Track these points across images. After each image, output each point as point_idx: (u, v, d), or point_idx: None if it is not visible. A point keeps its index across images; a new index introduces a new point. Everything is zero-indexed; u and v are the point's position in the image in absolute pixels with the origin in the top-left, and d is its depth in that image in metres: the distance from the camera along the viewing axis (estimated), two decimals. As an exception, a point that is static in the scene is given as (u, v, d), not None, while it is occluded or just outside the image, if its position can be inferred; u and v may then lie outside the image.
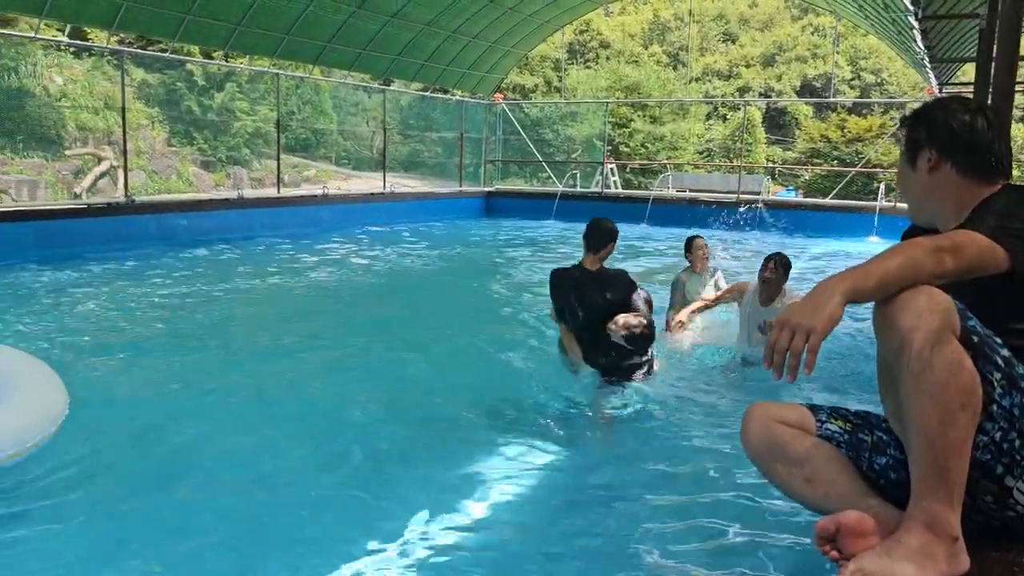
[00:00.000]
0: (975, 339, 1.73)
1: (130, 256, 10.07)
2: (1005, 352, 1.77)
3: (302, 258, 10.82)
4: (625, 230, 5.02)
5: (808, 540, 1.93)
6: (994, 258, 1.76)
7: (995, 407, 1.74)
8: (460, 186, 19.33)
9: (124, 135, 12.53)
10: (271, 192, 15.54)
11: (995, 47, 5.32)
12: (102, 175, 16.05)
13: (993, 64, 5.52)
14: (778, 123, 32.21)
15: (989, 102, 5.36)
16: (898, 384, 1.71)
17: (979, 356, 1.72)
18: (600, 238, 4.41)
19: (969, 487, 1.72)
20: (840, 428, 2.04)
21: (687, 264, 6.35)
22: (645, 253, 12.44)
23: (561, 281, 4.41)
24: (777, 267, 5.18)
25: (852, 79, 34.37)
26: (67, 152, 15.96)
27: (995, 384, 1.73)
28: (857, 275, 1.71)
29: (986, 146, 1.99)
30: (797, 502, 2.04)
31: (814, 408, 2.11)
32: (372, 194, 16.66)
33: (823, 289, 1.71)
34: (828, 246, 13.50)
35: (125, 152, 12.69)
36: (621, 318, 4.13)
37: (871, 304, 1.77)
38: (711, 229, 15.45)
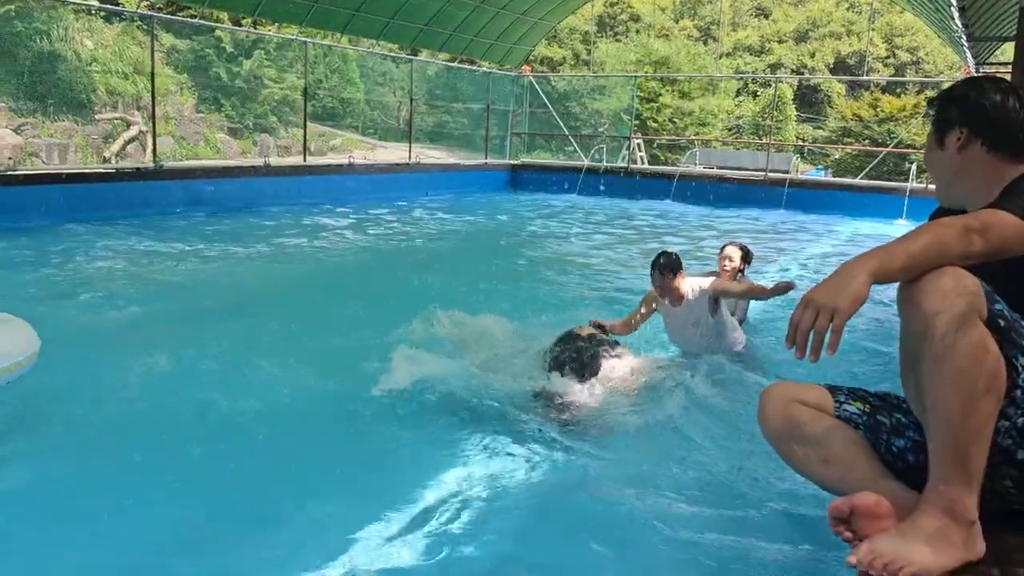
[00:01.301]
0: (1002, 323, 1.71)
1: (156, 220, 10.17)
2: (1031, 336, 1.74)
3: (325, 227, 10.87)
4: (650, 206, 4.99)
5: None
6: (1023, 239, 1.73)
7: (1019, 392, 1.72)
8: (486, 158, 19.26)
9: (153, 100, 12.60)
10: (297, 160, 15.58)
11: None
12: (131, 140, 16.14)
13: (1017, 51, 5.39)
14: (809, 101, 31.73)
15: (1027, 82, 5.26)
16: (920, 367, 1.69)
17: (1005, 340, 1.70)
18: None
19: (989, 471, 1.70)
20: (859, 410, 2.02)
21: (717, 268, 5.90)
22: (668, 231, 12.34)
23: None
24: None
25: (887, 57, 33.72)
26: (97, 117, 16.06)
27: (1020, 369, 1.71)
28: (883, 254, 1.69)
29: (1018, 125, 1.96)
30: (814, 483, 2.04)
31: (833, 389, 2.09)
32: (397, 165, 16.67)
33: (848, 268, 1.69)
34: (855, 227, 13.33)
35: (154, 117, 12.76)
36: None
37: (896, 285, 1.75)
38: (739, 208, 15.35)
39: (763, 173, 17.32)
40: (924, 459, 1.77)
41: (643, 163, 20.47)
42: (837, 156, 25.18)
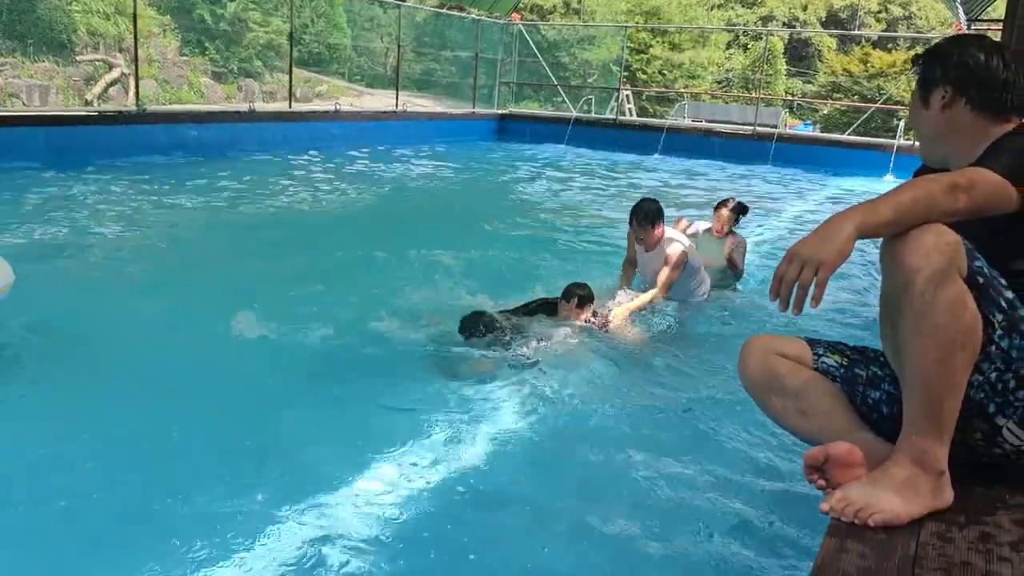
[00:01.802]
0: (980, 280, 1.74)
1: (139, 164, 10.04)
2: (1009, 294, 1.78)
3: (310, 174, 10.77)
4: (638, 159, 5.01)
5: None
6: (1007, 197, 1.76)
7: (994, 348, 1.76)
8: (473, 108, 19.07)
9: (135, 42, 12.36)
10: (283, 106, 15.36)
11: None
12: (113, 82, 15.85)
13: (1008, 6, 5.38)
14: (800, 55, 31.50)
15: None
16: (900, 321, 1.73)
17: (983, 297, 1.73)
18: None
19: (961, 424, 1.75)
20: (836, 362, 2.06)
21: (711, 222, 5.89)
22: (655, 184, 12.32)
23: None
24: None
25: (879, 11, 33.47)
26: (78, 58, 15.73)
27: (996, 326, 1.75)
28: (869, 209, 1.71)
29: (1001, 84, 1.97)
30: (791, 433, 2.09)
31: (812, 342, 2.13)
32: (384, 112, 16.48)
33: (834, 222, 1.71)
34: (841, 183, 13.35)
35: (136, 59, 12.52)
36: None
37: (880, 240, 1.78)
38: (726, 161, 15.33)
39: (751, 127, 17.26)
40: (898, 411, 1.82)
41: (632, 115, 20.32)
42: (826, 111, 25.11)
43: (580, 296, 4.36)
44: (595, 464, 2.85)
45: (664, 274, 4.79)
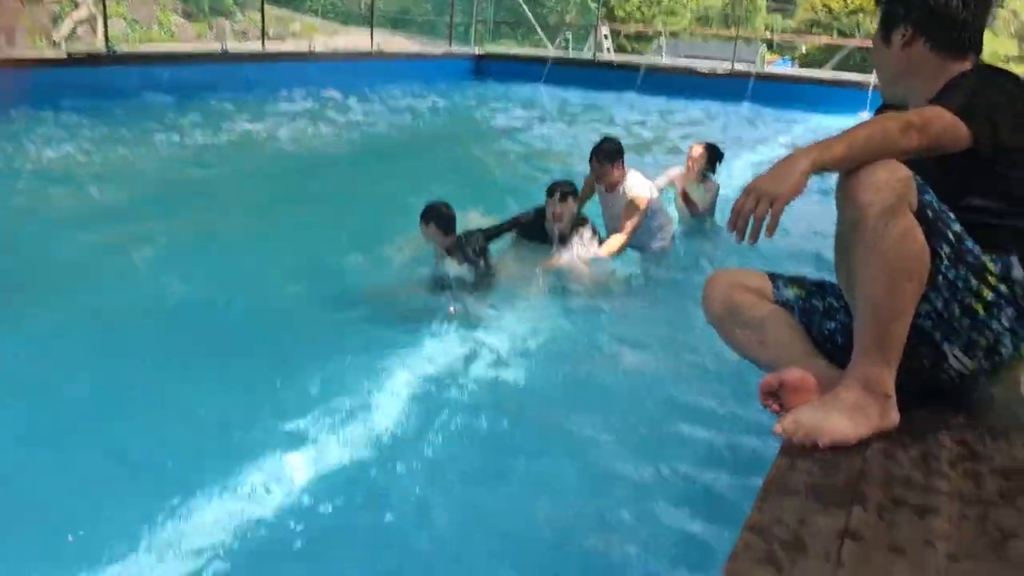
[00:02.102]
0: (929, 214, 1.82)
1: (109, 107, 9.85)
2: (957, 227, 1.86)
3: (284, 116, 10.64)
4: (617, 98, 5.05)
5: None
6: (959, 135, 1.82)
7: (940, 278, 1.84)
8: (450, 47, 18.78)
9: (101, -21, 12.01)
10: (256, 46, 15.06)
11: None
12: (80, 22, 15.46)
13: None
14: (780, -10, 31.10)
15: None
16: (852, 253, 1.81)
17: (931, 230, 1.81)
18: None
19: (908, 351, 1.85)
20: (795, 295, 2.15)
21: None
22: (632, 124, 12.29)
23: None
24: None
25: (861, -55, 32.95)
26: (42, -3, 15.30)
27: (943, 257, 1.83)
28: (824, 146, 1.78)
29: (960, 23, 2.01)
30: (750, 362, 2.18)
31: (773, 276, 2.21)
32: (359, 53, 16.19)
33: (790, 159, 1.77)
34: (819, 121, 13.37)
35: (103, -1, 12.20)
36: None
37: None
38: (704, 100, 15.27)
39: (729, 65, 17.14)
40: (851, 341, 1.91)
41: (610, 53, 20.09)
42: (804, 48, 24.95)
43: (563, 191, 4.45)
44: (561, 398, 2.94)
45: (632, 223, 4.77)
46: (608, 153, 4.78)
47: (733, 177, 7.72)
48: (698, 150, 5.57)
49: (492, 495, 2.42)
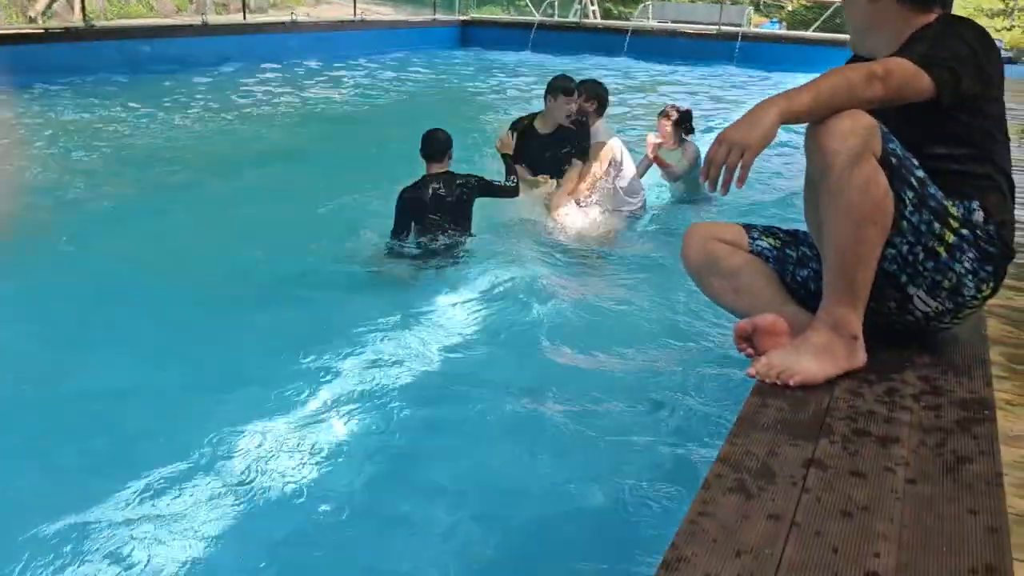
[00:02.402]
0: (893, 160, 1.89)
1: (90, 83, 9.78)
2: (920, 173, 1.93)
3: (268, 89, 10.59)
4: (604, 62, 5.07)
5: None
6: (920, 85, 1.88)
7: (905, 223, 1.91)
8: (434, 14, 18.63)
9: (77, -47, 11.87)
10: (237, 18, 14.95)
11: None
12: (56, -3, 15.28)
13: None
14: (766, -51, 30.86)
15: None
16: (820, 200, 1.88)
17: (895, 176, 1.88)
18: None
19: (875, 294, 1.92)
20: (770, 245, 2.22)
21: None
22: (625, 90, 12.28)
23: None
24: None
25: (846, -98, 32.67)
26: (17, -29, 15.10)
27: (907, 202, 1.90)
28: (791, 96, 1.84)
29: None
30: (727, 310, 2.26)
31: (748, 227, 2.28)
32: (342, 22, 16.06)
33: (759, 109, 1.83)
34: (804, 81, 13.37)
35: (80, -29, 12.06)
36: None
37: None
38: (691, 63, 15.25)
39: (716, 27, 17.10)
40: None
41: (596, 18, 19.98)
42: (791, 8, 24.83)
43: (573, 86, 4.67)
44: (542, 360, 3.01)
45: (590, 168, 4.78)
46: (595, 92, 4.90)
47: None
48: (664, 120, 5.41)
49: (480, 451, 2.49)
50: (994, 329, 2.27)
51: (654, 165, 5.46)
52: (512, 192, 4.32)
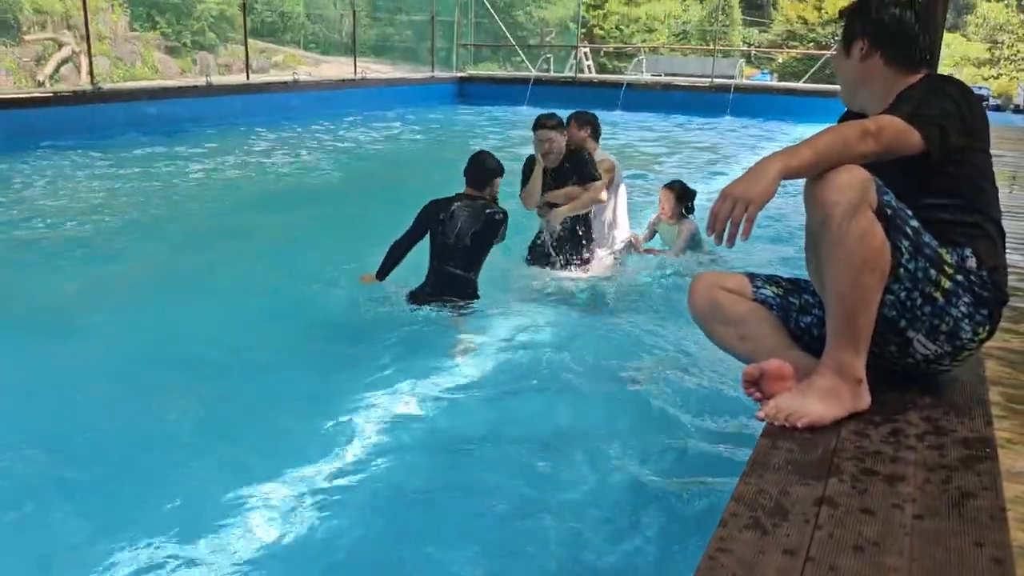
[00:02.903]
0: (888, 211, 1.99)
1: (98, 144, 9.98)
2: (914, 223, 2.03)
3: (272, 147, 10.80)
4: (600, 117, 5.13)
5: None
6: (910, 141, 1.99)
7: (902, 270, 2.01)
8: (432, 72, 19.06)
9: (86, 18, 12.20)
10: (240, 79, 15.27)
11: None
12: (64, 61, 15.63)
13: None
14: (756, 3, 31.65)
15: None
16: (820, 250, 1.98)
17: (891, 227, 1.98)
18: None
19: (877, 339, 2.01)
20: (773, 293, 2.31)
21: None
22: (617, 140, 12.52)
23: None
24: None
25: (832, -43, 33.59)
26: (26, 37, 15.47)
27: (903, 251, 2.00)
28: (791, 153, 1.95)
29: (912, 39, 2.20)
30: (733, 356, 2.34)
31: (751, 276, 2.37)
32: (343, 80, 16.43)
33: (761, 165, 1.94)
34: (798, 131, 13.66)
35: (88, 36, 12.37)
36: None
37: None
38: (685, 115, 15.57)
39: (709, 79, 17.48)
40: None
41: (591, 72, 20.43)
42: (782, 60, 25.38)
43: (555, 122, 4.62)
44: (558, 392, 3.09)
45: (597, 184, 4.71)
46: (586, 119, 4.92)
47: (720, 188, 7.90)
48: (665, 193, 5.35)
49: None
50: (992, 370, 2.35)
51: (657, 235, 5.48)
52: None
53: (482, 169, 4.14)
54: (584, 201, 4.65)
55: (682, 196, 5.29)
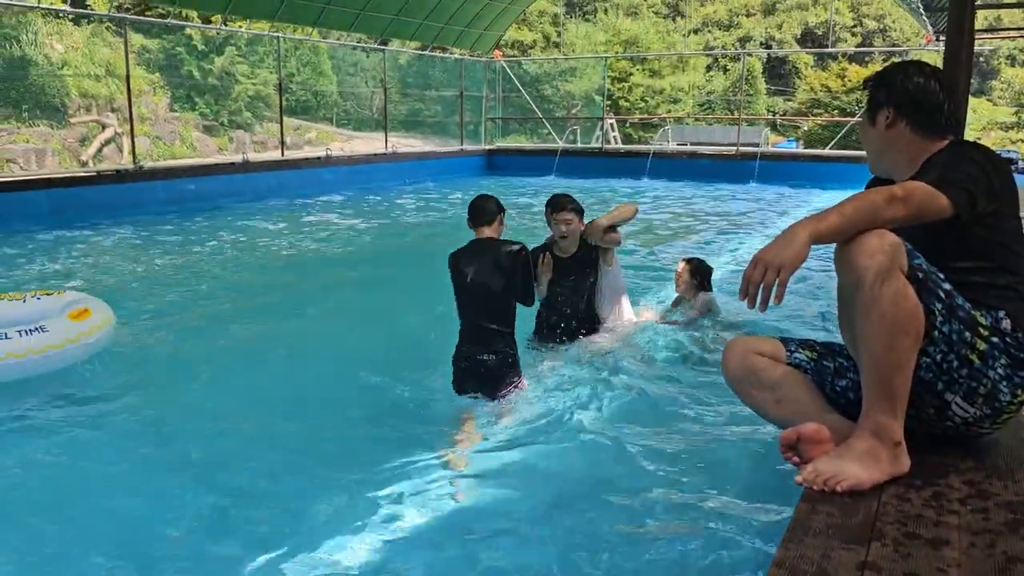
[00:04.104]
0: (920, 275, 2.01)
1: (140, 221, 10.29)
2: (947, 286, 2.05)
3: (309, 221, 11.05)
4: (626, 185, 5.17)
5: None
6: (939, 205, 2.03)
7: (937, 333, 2.02)
8: (461, 145, 19.48)
9: (129, 101, 12.68)
10: (275, 155, 15.72)
11: (948, 16, 5.49)
12: (107, 142, 16.22)
13: (946, 33, 5.66)
14: (779, 72, 32.09)
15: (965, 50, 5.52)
16: (853, 313, 2.00)
17: (923, 290, 2.00)
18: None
19: (914, 401, 2.01)
20: (807, 357, 2.32)
21: None
22: (643, 209, 12.64)
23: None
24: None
25: (854, 26, 34.14)
26: (72, 120, 16.11)
27: (937, 313, 2.02)
28: (820, 218, 1.99)
29: (937, 107, 2.25)
30: (768, 420, 2.34)
31: (785, 340, 2.39)
32: (374, 155, 16.84)
33: (791, 230, 1.98)
34: (824, 197, 13.69)
35: (131, 118, 12.85)
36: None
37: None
38: (712, 183, 15.72)
39: (735, 147, 17.66)
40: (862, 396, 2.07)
41: (617, 143, 20.73)
42: (807, 127, 25.58)
43: (574, 205, 4.46)
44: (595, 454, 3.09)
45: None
46: (580, 207, 4.59)
47: (749, 256, 7.91)
48: (682, 266, 5.18)
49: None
50: (1034, 433, 2.32)
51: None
52: (529, 299, 4.00)
53: (483, 208, 4.04)
54: (625, 213, 4.50)
55: (697, 270, 5.13)
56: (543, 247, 4.63)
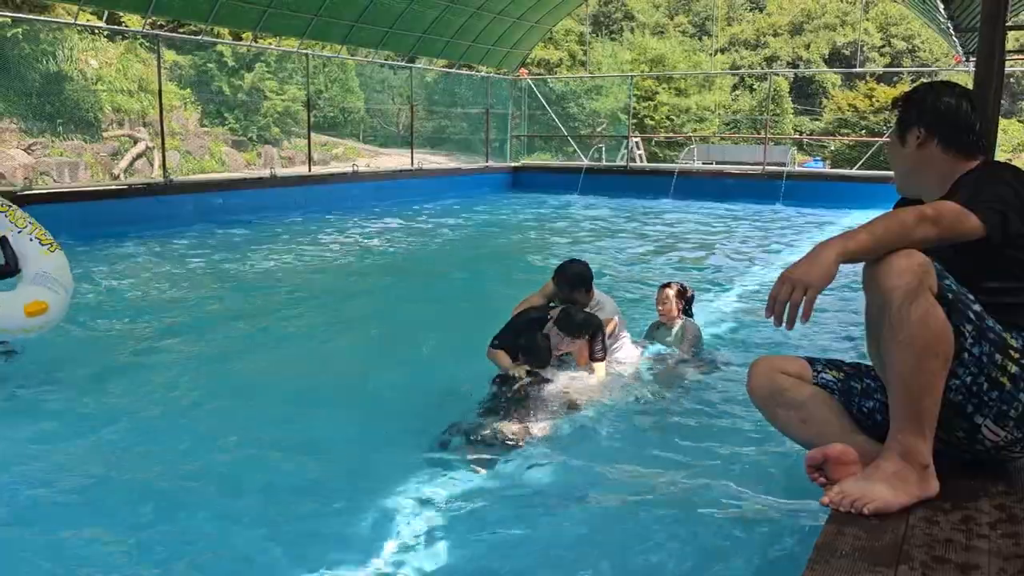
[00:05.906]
0: (950, 296, 1.99)
1: (170, 234, 10.44)
2: (977, 307, 2.03)
3: (334, 236, 11.14)
4: (651, 204, 5.17)
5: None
6: (969, 225, 2.01)
7: (966, 355, 2.00)
8: (487, 162, 19.57)
9: (161, 116, 12.90)
10: (302, 170, 15.89)
11: (979, 37, 5.45)
12: (138, 156, 16.47)
13: (976, 54, 5.62)
14: (805, 92, 31.95)
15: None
16: (881, 334, 1.98)
17: (953, 311, 1.98)
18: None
19: (944, 423, 1.99)
20: (834, 377, 2.30)
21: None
22: (666, 230, 12.60)
23: None
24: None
25: (882, 46, 33.94)
26: (104, 134, 16.39)
27: (967, 335, 1.99)
28: (849, 237, 1.98)
29: (968, 127, 2.23)
30: (794, 440, 2.32)
31: (812, 360, 2.37)
32: (400, 171, 16.97)
33: (820, 249, 1.97)
34: (851, 217, 13.59)
35: (163, 133, 13.06)
36: None
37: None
38: (737, 202, 15.66)
39: (761, 167, 17.59)
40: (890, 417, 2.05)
41: (642, 161, 20.73)
42: (834, 147, 25.45)
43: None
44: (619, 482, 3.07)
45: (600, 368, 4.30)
46: (580, 278, 4.44)
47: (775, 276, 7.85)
48: (673, 291, 4.95)
49: None
50: (1066, 458, 2.28)
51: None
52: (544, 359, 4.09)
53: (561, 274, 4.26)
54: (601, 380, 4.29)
55: (681, 294, 4.95)
56: (539, 320, 4.26)
